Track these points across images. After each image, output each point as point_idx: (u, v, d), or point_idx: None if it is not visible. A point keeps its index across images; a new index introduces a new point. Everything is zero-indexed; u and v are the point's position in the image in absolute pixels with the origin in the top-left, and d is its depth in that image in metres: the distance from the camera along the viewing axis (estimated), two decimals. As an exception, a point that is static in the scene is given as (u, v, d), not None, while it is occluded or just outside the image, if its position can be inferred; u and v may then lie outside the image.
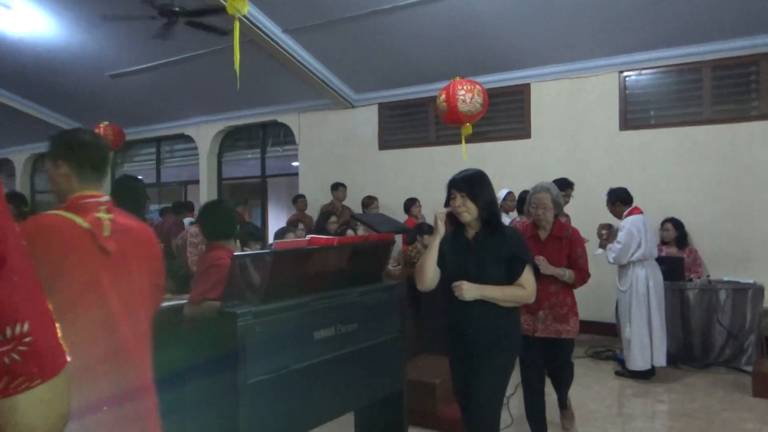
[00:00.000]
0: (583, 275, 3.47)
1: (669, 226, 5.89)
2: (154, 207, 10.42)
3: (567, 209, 5.10)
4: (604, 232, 5.18)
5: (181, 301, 2.89)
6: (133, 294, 1.76)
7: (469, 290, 2.52)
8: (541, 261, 3.34)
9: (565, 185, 5.10)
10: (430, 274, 2.66)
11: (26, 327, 0.72)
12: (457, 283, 2.54)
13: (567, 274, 3.41)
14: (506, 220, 5.54)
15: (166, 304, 3.17)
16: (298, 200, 8.05)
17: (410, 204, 6.90)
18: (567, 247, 3.45)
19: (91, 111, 9.77)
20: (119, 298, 1.70)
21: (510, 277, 2.58)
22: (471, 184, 2.60)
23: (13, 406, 0.71)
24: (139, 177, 4.90)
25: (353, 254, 2.92)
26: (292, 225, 5.96)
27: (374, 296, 2.91)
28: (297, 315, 2.54)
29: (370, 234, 4.55)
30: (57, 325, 0.78)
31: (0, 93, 9.92)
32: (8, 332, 0.70)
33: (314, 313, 2.63)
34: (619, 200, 5.06)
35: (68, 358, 0.78)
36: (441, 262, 2.68)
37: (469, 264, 2.59)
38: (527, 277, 2.59)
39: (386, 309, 3.02)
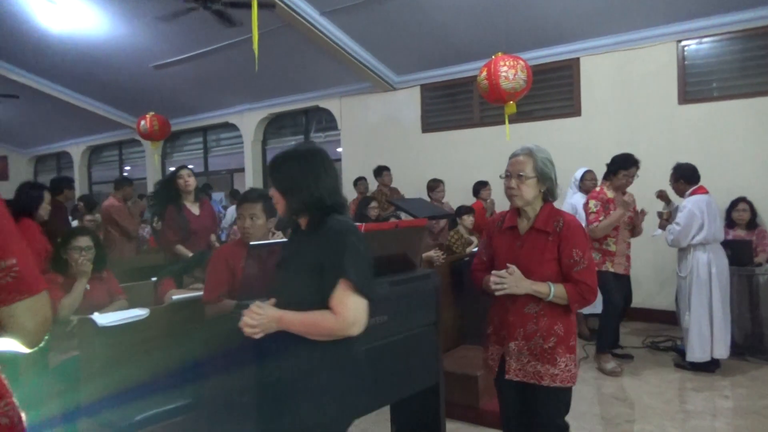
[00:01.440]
0: (581, 290, 2.22)
1: (744, 206, 5.34)
2: (217, 195, 10.53)
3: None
4: (664, 212, 4.81)
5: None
6: None
7: (261, 317, 1.72)
8: (510, 272, 2.22)
9: (628, 163, 4.63)
10: None
11: (14, 261, 1.08)
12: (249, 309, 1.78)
13: (552, 290, 2.21)
14: (581, 201, 5.21)
15: (195, 294, 3.11)
16: (359, 183, 7.94)
17: (480, 187, 6.62)
18: (554, 246, 2.26)
19: (138, 102, 9.98)
20: None
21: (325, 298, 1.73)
22: (272, 169, 1.84)
23: (11, 312, 1.08)
24: (190, 166, 4.84)
25: (383, 241, 2.75)
26: (366, 200, 6.08)
27: (406, 286, 2.73)
28: (321, 307, 2.41)
29: (401, 221, 4.38)
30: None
31: (55, 88, 10.24)
32: (2, 264, 1.07)
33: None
34: (683, 178, 4.67)
35: (45, 284, 1.15)
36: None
37: (279, 278, 1.82)
38: (343, 297, 1.69)
39: (419, 299, 2.84)
